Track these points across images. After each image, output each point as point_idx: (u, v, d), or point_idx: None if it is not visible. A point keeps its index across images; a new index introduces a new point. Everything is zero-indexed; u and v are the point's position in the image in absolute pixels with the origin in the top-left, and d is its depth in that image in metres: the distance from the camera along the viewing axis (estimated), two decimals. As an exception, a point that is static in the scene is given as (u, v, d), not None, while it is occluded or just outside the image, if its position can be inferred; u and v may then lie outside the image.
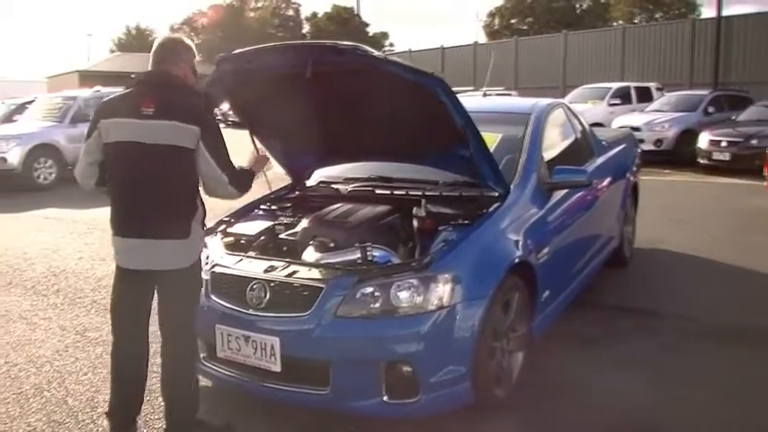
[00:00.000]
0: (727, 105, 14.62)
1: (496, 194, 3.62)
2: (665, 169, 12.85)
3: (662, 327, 4.48)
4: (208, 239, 3.59)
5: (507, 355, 3.32)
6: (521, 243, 3.44)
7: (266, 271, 3.08)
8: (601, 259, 5.07)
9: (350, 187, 4.09)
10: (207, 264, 3.32)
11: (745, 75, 19.41)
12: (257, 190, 3.48)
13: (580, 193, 4.34)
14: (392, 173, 4.12)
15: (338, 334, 2.88)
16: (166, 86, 2.79)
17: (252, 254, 3.40)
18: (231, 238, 3.59)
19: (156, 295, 2.88)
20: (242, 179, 2.90)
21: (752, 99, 14.97)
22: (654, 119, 13.97)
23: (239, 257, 3.28)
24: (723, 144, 12.27)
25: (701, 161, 12.68)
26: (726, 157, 12.19)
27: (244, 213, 3.98)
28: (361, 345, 2.87)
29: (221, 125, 3.20)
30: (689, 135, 13.43)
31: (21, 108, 14.87)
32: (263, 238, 3.60)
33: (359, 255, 3.15)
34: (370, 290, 2.91)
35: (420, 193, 3.76)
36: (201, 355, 3.25)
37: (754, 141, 11.89)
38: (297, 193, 4.28)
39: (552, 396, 3.48)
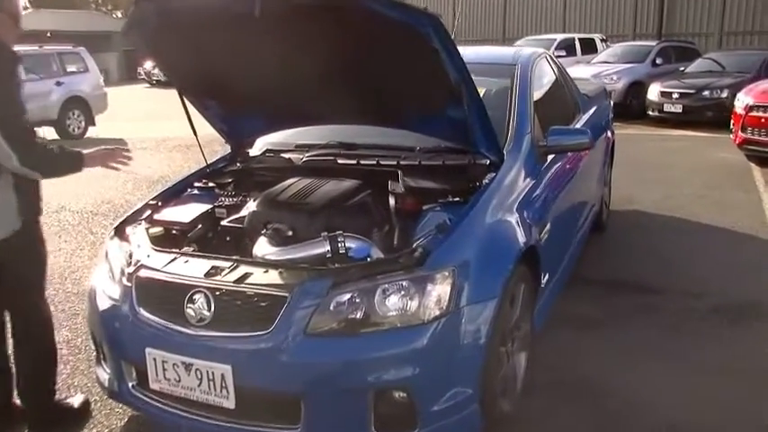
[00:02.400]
0: (675, 57, 14.34)
1: (488, 162, 2.97)
2: (614, 122, 12.50)
3: (665, 305, 3.97)
4: (129, 230, 2.81)
5: (512, 359, 2.71)
6: (525, 223, 2.80)
7: (209, 275, 2.34)
8: (587, 227, 4.53)
9: (304, 156, 3.35)
10: (129, 264, 2.55)
11: (689, 26, 19.27)
12: (182, 161, 2.72)
13: (569, 155, 3.73)
14: (355, 138, 3.39)
15: (310, 357, 2.18)
16: None
17: (188, 250, 2.65)
18: (159, 228, 2.81)
19: None
20: (42, 161, 2.47)
21: (698, 50, 14.76)
22: (602, 71, 13.53)
23: (171, 256, 2.51)
24: (675, 96, 11.96)
25: (652, 113, 12.38)
26: (677, 109, 11.91)
27: (174, 193, 3.19)
28: (340, 370, 2.18)
29: (145, 85, 2.41)
30: (637, 87, 13.10)
31: None
32: (200, 226, 2.84)
33: (327, 247, 2.45)
34: (347, 297, 2.22)
35: (394, 163, 3.06)
36: (130, 383, 2.51)
37: (705, 93, 11.63)
38: (238, 164, 3.50)
39: (568, 401, 2.91)
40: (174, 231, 2.82)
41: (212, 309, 2.28)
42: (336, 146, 3.36)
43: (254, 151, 3.62)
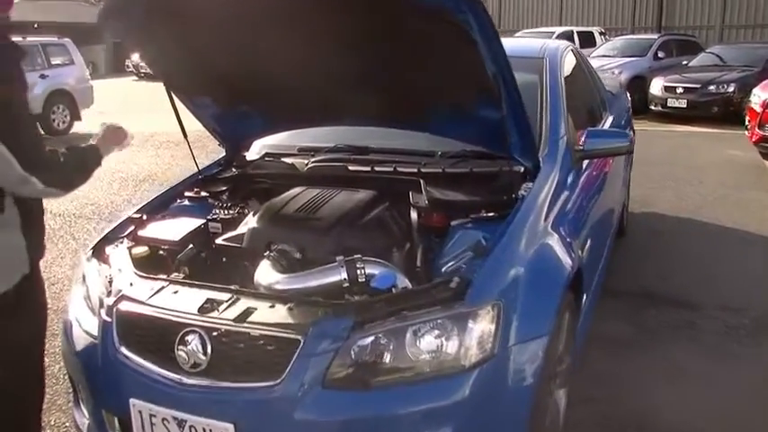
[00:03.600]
0: (676, 50, 14.03)
1: (521, 170, 2.59)
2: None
3: (703, 323, 3.63)
4: (109, 250, 2.42)
5: (554, 397, 2.35)
6: (566, 242, 2.43)
7: (203, 310, 1.95)
8: (614, 234, 4.17)
9: (309, 162, 2.96)
10: (109, 294, 2.16)
11: (689, 19, 18.95)
12: (170, 159, 2.32)
13: (599, 160, 3.36)
14: (366, 140, 3.01)
15: (329, 414, 1.80)
16: None
17: (177, 276, 2.26)
18: (144, 248, 2.41)
19: None
20: (65, 174, 1.96)
21: (700, 44, 14.45)
22: (603, 65, 13.13)
23: (158, 284, 2.12)
24: (679, 90, 11.64)
25: (654, 108, 12.06)
26: (682, 104, 11.59)
27: (161, 204, 2.79)
28: (365, 429, 1.81)
29: (133, 78, 1.97)
30: (639, 81, 12.75)
31: None
32: (191, 246, 2.44)
33: (344, 275, 2.07)
34: (372, 339, 1.84)
35: (415, 171, 2.68)
36: (111, 436, 2.13)
37: (711, 88, 11.33)
38: (234, 170, 3.10)
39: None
40: (161, 252, 2.43)
41: (209, 352, 1.89)
42: (346, 149, 2.98)
43: (252, 155, 3.22)
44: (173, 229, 2.52)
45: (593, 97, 3.93)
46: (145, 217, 2.63)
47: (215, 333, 1.90)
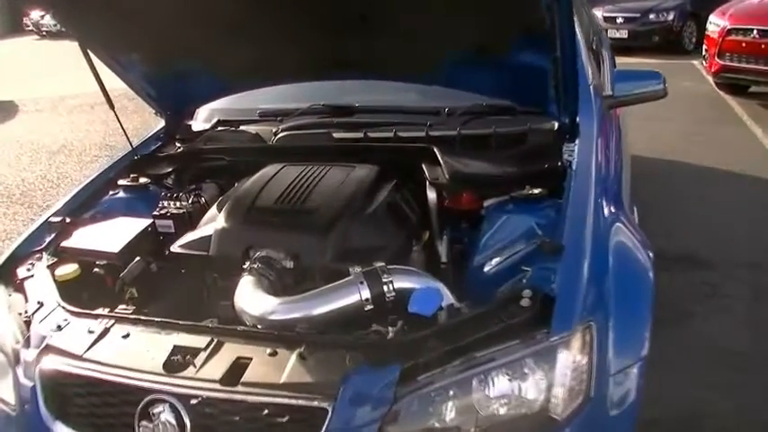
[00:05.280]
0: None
1: (555, 127, 2.05)
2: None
3: (726, 285, 3.23)
4: (22, 273, 1.76)
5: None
6: (629, 218, 1.92)
7: (171, 366, 1.34)
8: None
9: (279, 130, 2.33)
10: (27, 342, 1.51)
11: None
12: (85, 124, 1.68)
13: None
14: (347, 97, 2.39)
15: None
16: None
17: (125, 309, 1.61)
18: (71, 267, 1.74)
19: None
20: None
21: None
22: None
23: (99, 324, 1.48)
24: (619, 21, 11.24)
25: (596, 42, 11.69)
26: (623, 34, 11.18)
27: (88, 202, 2.11)
28: None
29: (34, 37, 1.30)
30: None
31: None
32: (137, 259, 1.79)
33: (366, 294, 1.48)
34: (424, 392, 1.28)
35: (422, 134, 2.10)
36: None
37: (651, 16, 10.99)
38: (178, 145, 2.43)
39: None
40: (96, 269, 1.77)
41: (187, 429, 1.29)
42: (323, 111, 2.35)
43: (199, 124, 2.55)
44: (108, 233, 1.86)
45: (599, 38, 3.40)
46: (68, 220, 1.94)
47: (193, 401, 1.29)
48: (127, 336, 1.43)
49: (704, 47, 7.43)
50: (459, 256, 1.82)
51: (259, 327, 1.47)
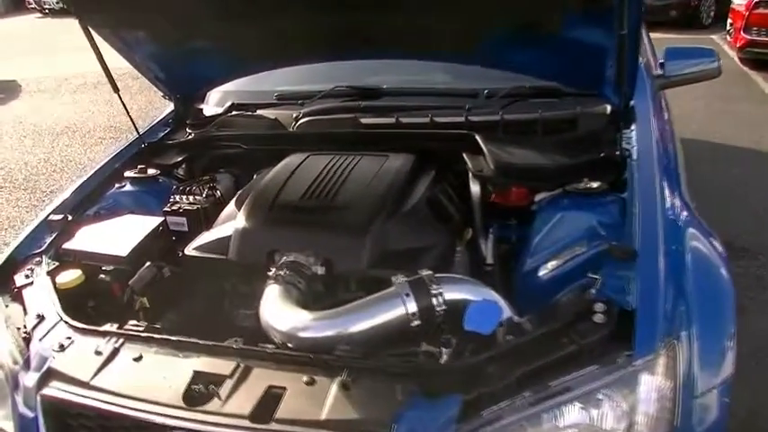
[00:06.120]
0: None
1: (607, 110, 1.85)
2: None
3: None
4: (20, 280, 1.57)
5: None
6: (691, 209, 1.72)
7: (192, 398, 1.15)
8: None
9: (301, 114, 2.12)
10: (26, 366, 1.33)
11: None
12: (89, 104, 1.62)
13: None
14: (371, 78, 2.19)
15: None
16: None
17: (135, 326, 1.41)
18: (74, 274, 1.55)
19: None
20: None
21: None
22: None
23: (108, 344, 1.30)
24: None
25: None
26: (640, 10, 10.92)
27: (91, 196, 1.91)
28: None
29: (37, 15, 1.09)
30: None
31: None
32: (148, 264, 1.60)
33: (412, 307, 1.28)
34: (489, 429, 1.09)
35: (461, 119, 1.89)
36: None
37: (668, -11, 10.65)
38: (190, 132, 2.23)
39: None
40: (102, 276, 1.58)
41: None
42: (348, 93, 2.14)
43: (211, 108, 2.35)
44: (115, 233, 1.67)
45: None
46: (70, 217, 1.75)
47: (222, 440, 1.11)
48: (139, 358, 1.25)
49: (729, 21, 7.17)
50: (506, 258, 1.63)
51: (290, 345, 1.28)
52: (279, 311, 1.34)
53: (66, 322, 1.37)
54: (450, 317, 1.29)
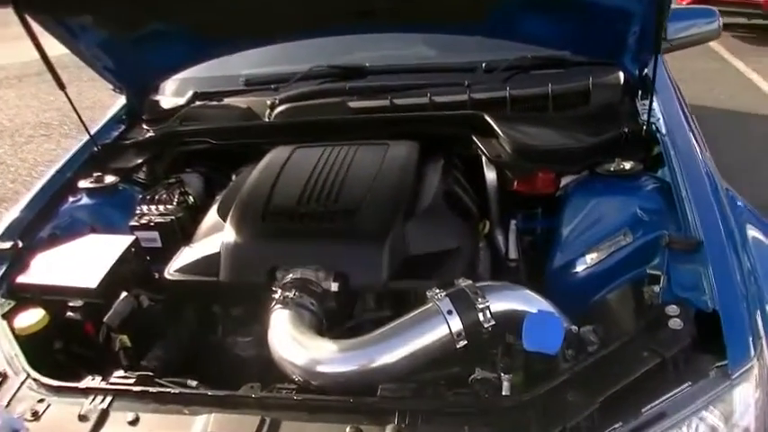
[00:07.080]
0: None
1: (620, 80, 1.68)
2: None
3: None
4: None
5: None
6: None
7: None
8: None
9: (277, 100, 1.88)
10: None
11: None
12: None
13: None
14: (353, 54, 1.96)
15: None
16: None
17: (122, 379, 1.14)
18: (36, 316, 1.27)
19: None
20: None
21: None
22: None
23: (90, 402, 1.05)
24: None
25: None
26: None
27: (42, 215, 1.61)
28: None
29: None
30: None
31: None
32: (124, 295, 1.34)
33: (457, 325, 1.09)
34: None
35: (463, 97, 1.69)
36: None
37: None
38: (147, 128, 1.96)
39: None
40: (70, 313, 1.31)
41: None
42: (330, 74, 1.90)
43: (169, 100, 2.08)
44: (78, 260, 1.40)
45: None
46: (20, 244, 1.47)
47: None
48: (136, 421, 1.01)
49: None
50: (530, 253, 1.45)
51: (313, 383, 1.08)
52: (294, 342, 1.13)
53: (35, 380, 1.11)
54: (499, 334, 1.10)
